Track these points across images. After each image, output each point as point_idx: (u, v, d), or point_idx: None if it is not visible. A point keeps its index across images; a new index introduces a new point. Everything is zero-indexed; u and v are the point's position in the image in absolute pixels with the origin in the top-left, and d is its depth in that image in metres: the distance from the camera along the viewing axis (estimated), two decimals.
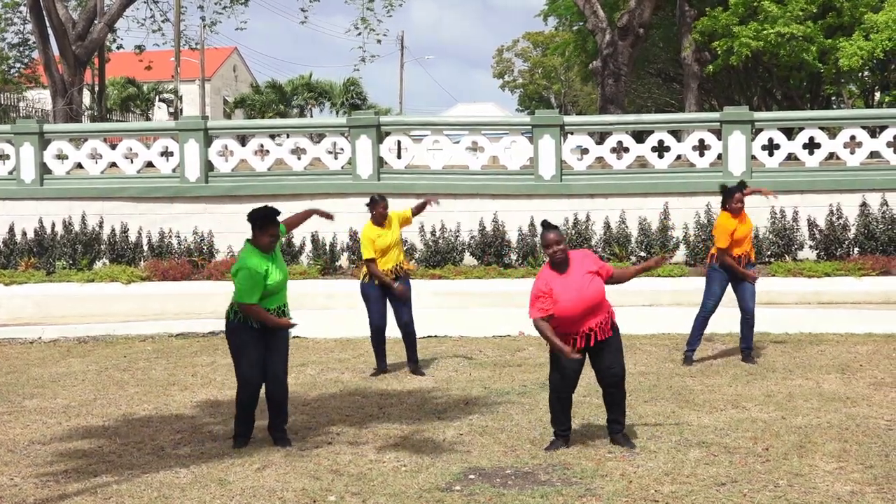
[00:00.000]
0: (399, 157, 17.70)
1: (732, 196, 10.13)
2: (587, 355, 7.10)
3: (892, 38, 24.30)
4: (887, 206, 15.50)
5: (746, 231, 10.26)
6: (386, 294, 10.26)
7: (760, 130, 16.82)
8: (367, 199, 10.45)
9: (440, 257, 15.89)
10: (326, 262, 15.99)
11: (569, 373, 7.05)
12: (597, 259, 7.13)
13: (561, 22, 41.99)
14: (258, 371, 7.34)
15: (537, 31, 65.68)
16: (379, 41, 29.66)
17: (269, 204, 7.47)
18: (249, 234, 7.35)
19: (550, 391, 7.21)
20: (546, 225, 7.07)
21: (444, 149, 17.85)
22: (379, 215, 10.25)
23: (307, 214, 8.30)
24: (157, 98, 56.28)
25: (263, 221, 7.21)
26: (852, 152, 16.61)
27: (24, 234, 16.82)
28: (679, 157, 17.51)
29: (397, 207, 16.91)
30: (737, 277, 10.31)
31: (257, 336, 7.29)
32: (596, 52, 28.14)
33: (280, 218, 7.36)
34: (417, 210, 10.65)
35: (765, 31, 24.72)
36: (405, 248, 15.65)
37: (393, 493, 6.17)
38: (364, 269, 10.32)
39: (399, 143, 17.95)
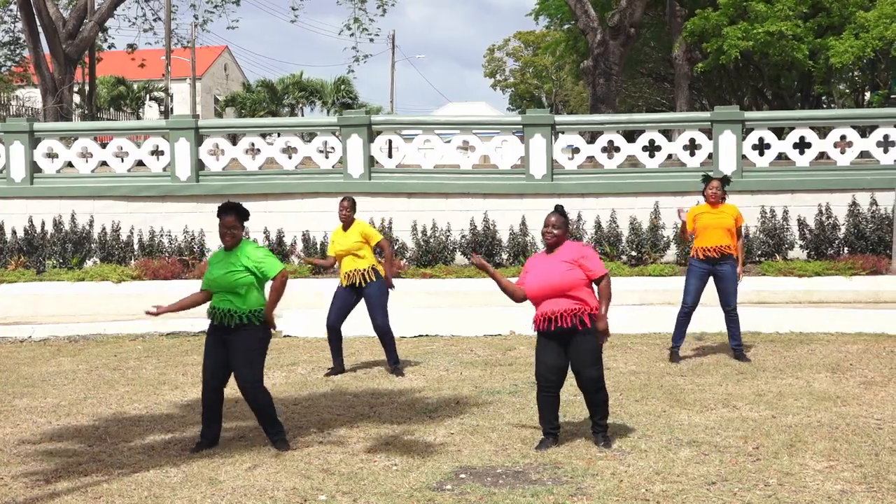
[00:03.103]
0: (390, 156, 17.69)
1: (708, 184, 10.40)
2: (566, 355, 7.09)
3: (882, 38, 24.35)
4: (877, 205, 15.54)
5: (714, 222, 10.23)
6: (352, 296, 10.29)
7: (751, 130, 16.85)
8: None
9: (431, 256, 15.88)
10: None
11: (543, 365, 7.07)
12: (589, 255, 7.06)
13: (552, 21, 41.95)
14: (212, 374, 7.26)
15: (528, 30, 65.61)
16: (371, 40, 29.65)
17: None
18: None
19: (537, 389, 7.22)
20: (556, 208, 7.24)
21: (435, 148, 17.85)
22: (340, 216, 10.24)
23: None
24: (147, 97, 56.19)
25: (217, 213, 7.32)
26: (842, 152, 16.65)
27: (14, 232, 16.76)
28: (670, 156, 17.53)
29: (389, 208, 16.90)
30: (718, 273, 10.31)
31: (217, 340, 7.25)
32: (587, 52, 28.12)
33: None
34: (384, 260, 10.47)
35: (754, 31, 24.75)
36: (397, 247, 15.66)
37: (383, 493, 6.16)
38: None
39: (390, 142, 17.94)
